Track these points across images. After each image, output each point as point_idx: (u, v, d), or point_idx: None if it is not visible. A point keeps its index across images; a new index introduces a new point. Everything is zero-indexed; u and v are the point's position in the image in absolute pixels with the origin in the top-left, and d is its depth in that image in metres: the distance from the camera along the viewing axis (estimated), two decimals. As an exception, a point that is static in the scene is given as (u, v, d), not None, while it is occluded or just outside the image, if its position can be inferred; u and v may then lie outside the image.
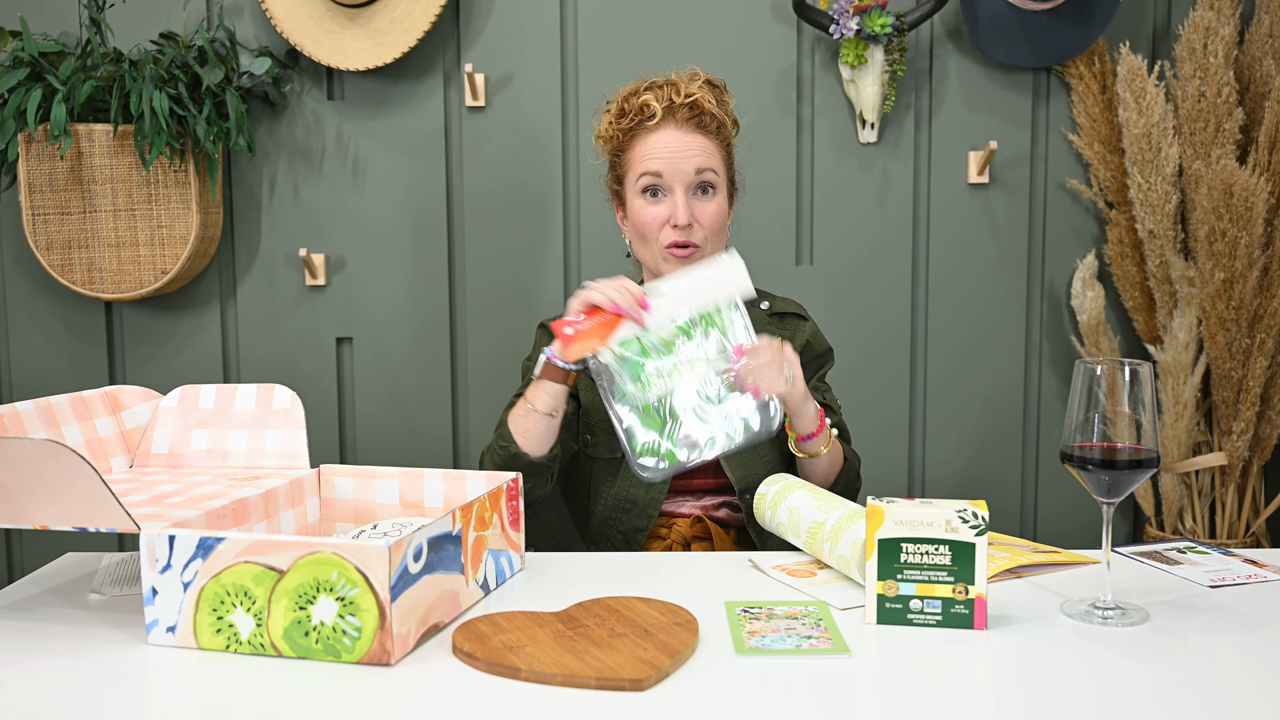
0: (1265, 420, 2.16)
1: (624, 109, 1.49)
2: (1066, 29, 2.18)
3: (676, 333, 1.30)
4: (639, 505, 1.46)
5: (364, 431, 2.36)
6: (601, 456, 1.48)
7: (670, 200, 1.44)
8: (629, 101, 1.49)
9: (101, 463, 1.33)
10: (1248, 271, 2.05)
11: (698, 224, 1.45)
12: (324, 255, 2.31)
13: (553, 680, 0.90)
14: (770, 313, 1.56)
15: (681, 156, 1.44)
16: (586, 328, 1.29)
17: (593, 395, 1.50)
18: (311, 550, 0.95)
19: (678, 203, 1.43)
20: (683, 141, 1.44)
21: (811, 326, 1.57)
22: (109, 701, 0.89)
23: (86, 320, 2.33)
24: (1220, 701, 0.86)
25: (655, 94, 1.47)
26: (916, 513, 1.02)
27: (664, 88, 1.47)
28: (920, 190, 2.32)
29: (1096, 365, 1.03)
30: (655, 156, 1.44)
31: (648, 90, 1.48)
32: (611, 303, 1.27)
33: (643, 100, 1.46)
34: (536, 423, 1.37)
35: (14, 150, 2.09)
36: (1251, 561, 1.24)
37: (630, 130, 1.48)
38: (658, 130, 1.45)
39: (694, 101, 1.45)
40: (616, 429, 1.30)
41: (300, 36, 2.19)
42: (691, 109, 1.45)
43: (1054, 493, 2.37)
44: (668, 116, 1.45)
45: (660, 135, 1.45)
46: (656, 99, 1.46)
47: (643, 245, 1.49)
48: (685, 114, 1.45)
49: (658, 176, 1.44)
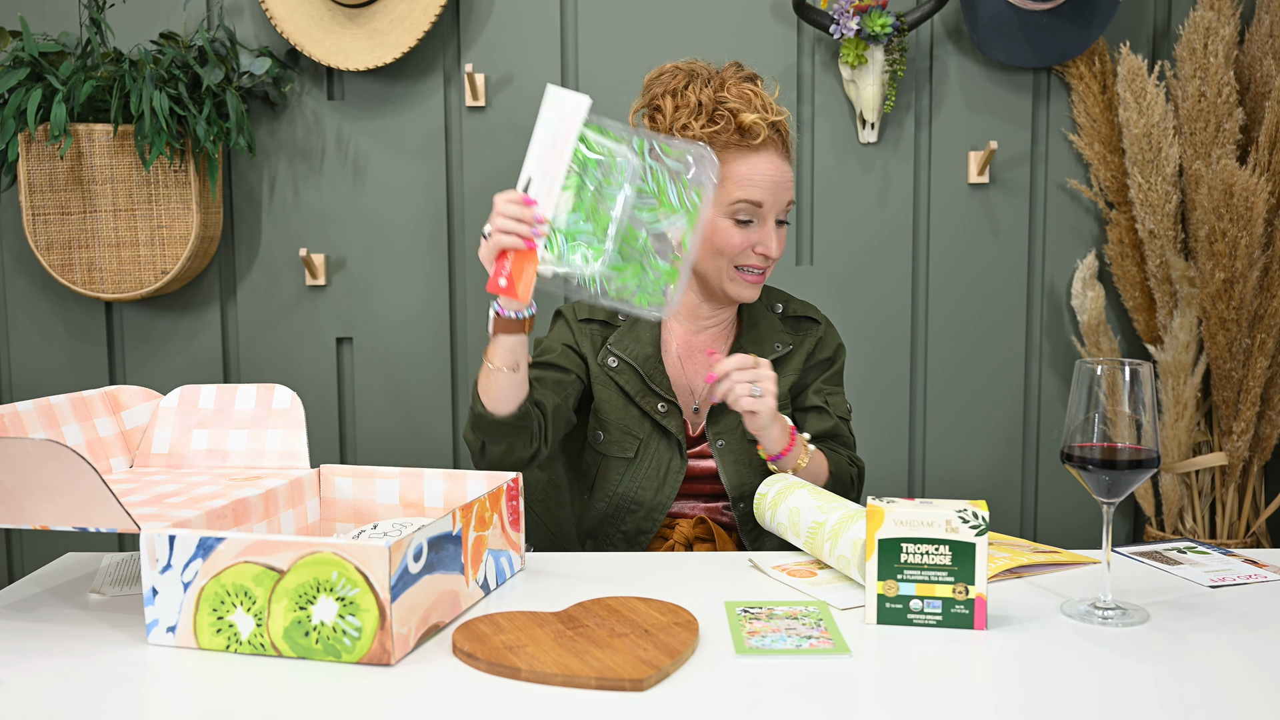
0: (1265, 420, 2.16)
1: (713, 115, 1.40)
2: (1066, 29, 2.18)
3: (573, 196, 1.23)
4: (645, 507, 1.45)
5: (364, 431, 2.36)
6: (613, 455, 1.47)
7: (760, 228, 1.41)
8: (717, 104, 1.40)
9: (101, 463, 1.33)
10: (1248, 271, 2.05)
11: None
12: (324, 255, 2.31)
13: (553, 680, 0.90)
14: (784, 315, 1.54)
15: (783, 188, 1.42)
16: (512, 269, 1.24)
17: (607, 392, 1.48)
18: (311, 550, 0.95)
19: (770, 232, 1.42)
20: (784, 172, 1.42)
21: (822, 331, 1.55)
22: (109, 701, 0.89)
23: (86, 320, 2.33)
24: (1220, 701, 0.86)
25: (752, 107, 1.40)
26: (916, 513, 1.02)
27: (752, 100, 1.41)
28: (920, 190, 2.32)
29: (1096, 365, 1.03)
30: (759, 185, 1.40)
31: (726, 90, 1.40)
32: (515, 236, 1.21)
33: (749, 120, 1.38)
34: (499, 380, 1.32)
35: (14, 150, 2.09)
36: (1251, 561, 1.24)
37: (730, 143, 1.40)
38: (760, 154, 1.40)
39: (782, 121, 1.43)
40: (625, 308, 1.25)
41: (300, 36, 2.19)
42: (780, 131, 1.42)
43: (1054, 493, 2.36)
44: (771, 139, 1.41)
45: (763, 161, 1.40)
46: (759, 117, 1.39)
47: (712, 259, 1.44)
48: (780, 139, 1.42)
49: (757, 206, 1.40)
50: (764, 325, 1.52)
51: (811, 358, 1.53)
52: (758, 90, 1.43)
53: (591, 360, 1.51)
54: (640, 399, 1.46)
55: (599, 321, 1.51)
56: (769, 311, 1.54)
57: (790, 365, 1.51)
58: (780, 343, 1.51)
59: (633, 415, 1.46)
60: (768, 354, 1.49)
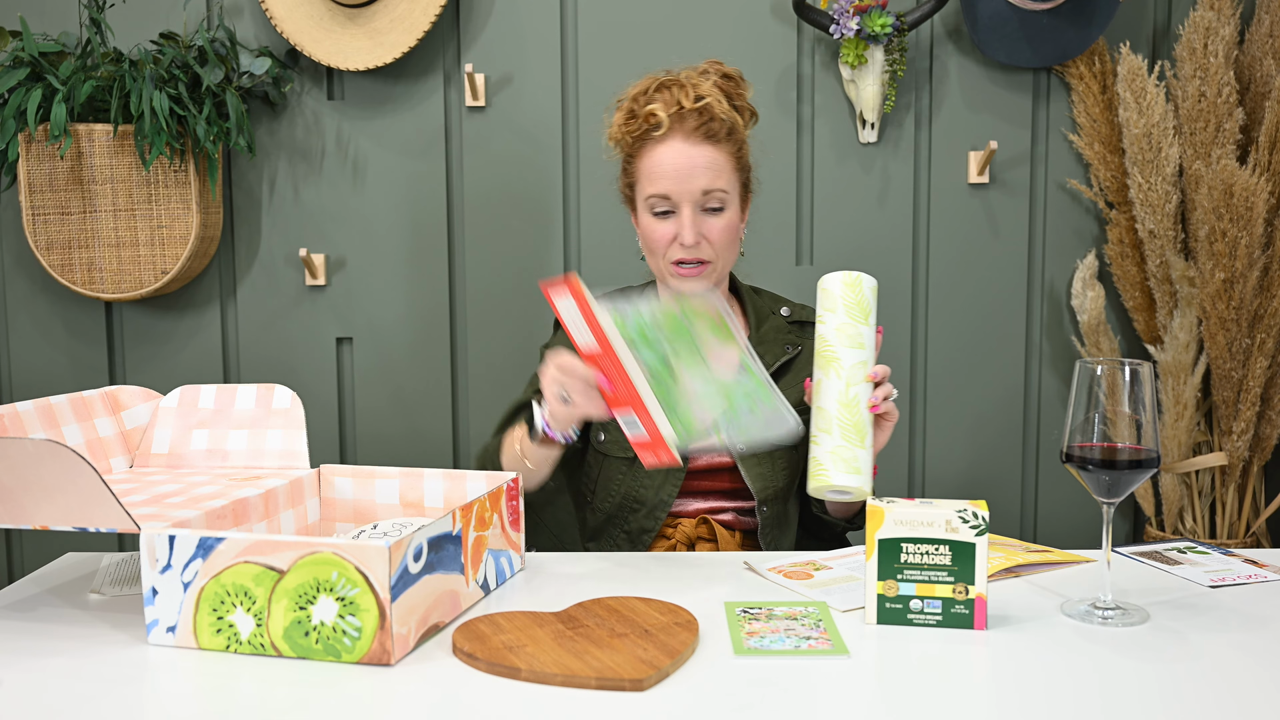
0: (1265, 420, 2.16)
1: (633, 112, 1.43)
2: (1066, 29, 2.18)
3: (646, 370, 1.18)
4: (647, 505, 1.45)
5: (364, 431, 2.36)
6: (614, 455, 1.47)
7: (678, 218, 1.40)
8: (638, 103, 1.43)
9: (101, 463, 1.33)
10: (1248, 271, 2.05)
11: (706, 241, 1.41)
12: (324, 255, 2.31)
13: (553, 680, 0.90)
14: (790, 320, 1.53)
15: (689, 175, 1.39)
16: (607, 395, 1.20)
17: None
18: (311, 550, 0.95)
19: (684, 222, 1.39)
20: (689, 157, 1.39)
21: None
22: (109, 701, 0.89)
23: (86, 320, 2.33)
24: (1220, 701, 0.86)
25: (664, 99, 1.40)
26: (916, 513, 1.02)
27: (672, 89, 1.41)
28: (920, 190, 2.32)
29: (1096, 365, 1.03)
30: (662, 176, 1.39)
31: (658, 91, 1.42)
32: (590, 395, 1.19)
33: (649, 109, 1.40)
34: (531, 475, 1.36)
35: (14, 150, 2.09)
36: (1251, 561, 1.24)
37: (638, 138, 1.42)
38: (664, 142, 1.40)
39: (703, 106, 1.40)
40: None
41: (300, 36, 2.19)
42: (700, 115, 1.39)
43: (1054, 493, 2.36)
44: (675, 127, 1.39)
45: (667, 150, 1.39)
46: (664, 105, 1.39)
47: (651, 258, 1.46)
48: (694, 122, 1.39)
49: (665, 199, 1.40)
50: (771, 327, 1.52)
51: None
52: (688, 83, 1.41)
53: None
54: None
55: None
56: (774, 314, 1.53)
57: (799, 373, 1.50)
58: (790, 344, 1.50)
59: None
60: (779, 356, 1.48)
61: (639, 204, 1.45)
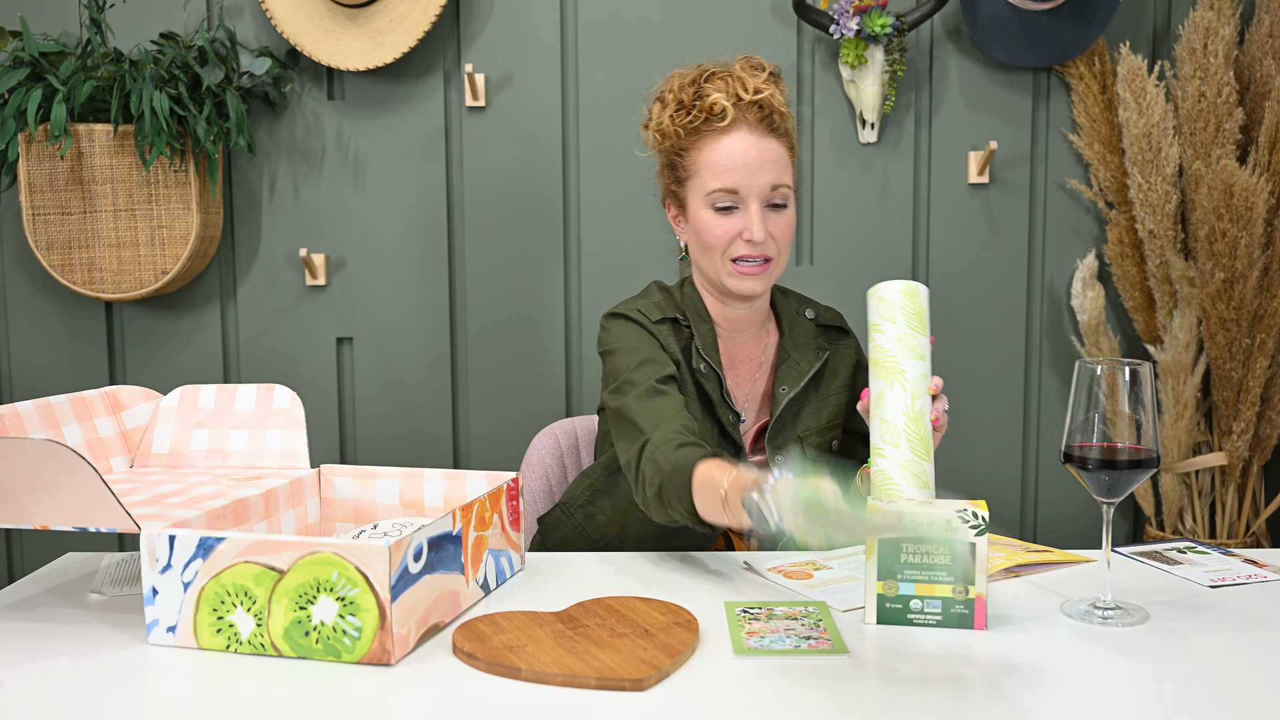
0: (1265, 420, 2.16)
1: (683, 102, 1.35)
2: (1066, 29, 2.18)
3: None
4: None
5: (364, 431, 2.36)
6: None
7: (744, 214, 1.34)
8: (687, 94, 1.35)
9: (101, 463, 1.33)
10: (1248, 271, 2.05)
11: (771, 238, 1.34)
12: (324, 255, 2.31)
13: (553, 680, 0.90)
14: (818, 324, 1.48)
15: (758, 169, 1.32)
16: None
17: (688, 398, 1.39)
18: (311, 550, 0.95)
19: (753, 217, 1.33)
20: (758, 150, 1.33)
21: (854, 343, 1.50)
22: (109, 701, 0.89)
23: (86, 320, 2.33)
24: (1220, 701, 0.86)
25: (721, 87, 1.34)
26: (917, 513, 1.02)
27: (727, 80, 1.34)
28: (920, 190, 2.32)
29: (1096, 365, 1.03)
30: (729, 169, 1.32)
31: (708, 82, 1.35)
32: None
33: (712, 99, 1.33)
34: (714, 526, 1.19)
35: (14, 150, 2.09)
36: (1251, 561, 1.24)
37: (696, 130, 1.35)
38: (729, 134, 1.33)
39: (763, 99, 1.33)
40: None
41: (300, 36, 2.19)
42: (761, 108, 1.33)
43: (1054, 493, 2.36)
44: (739, 118, 1.33)
45: (733, 141, 1.33)
46: (724, 94, 1.33)
47: (705, 255, 1.38)
48: (756, 114, 1.33)
49: (732, 193, 1.33)
50: (801, 331, 1.47)
51: (855, 377, 1.47)
52: (742, 75, 1.35)
53: (684, 363, 1.41)
54: (717, 407, 1.39)
55: (670, 320, 1.42)
56: (800, 316, 1.48)
57: (836, 383, 1.45)
58: (819, 348, 1.45)
59: (706, 423, 1.39)
60: (812, 360, 1.44)
61: (694, 199, 1.37)
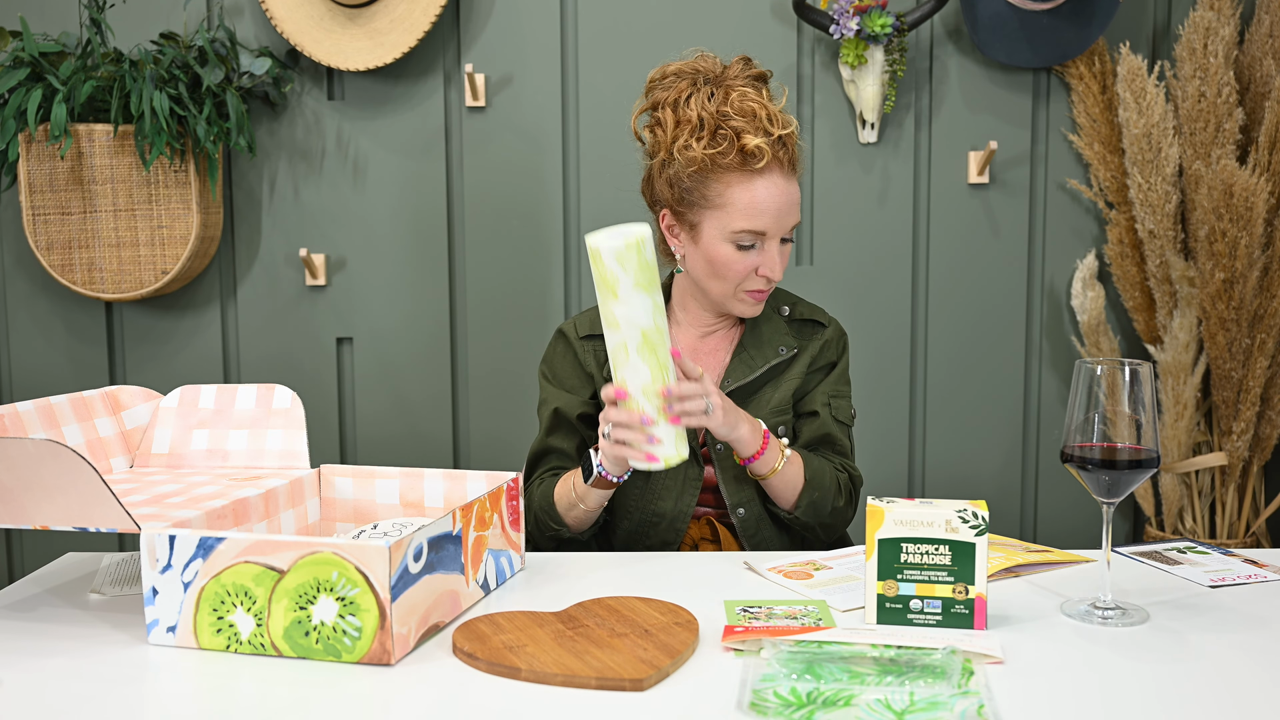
0: (1265, 420, 2.16)
1: (717, 132, 1.36)
2: (1066, 29, 2.18)
3: None
4: (667, 519, 1.43)
5: (364, 432, 2.36)
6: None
7: (762, 251, 1.38)
8: (708, 112, 1.36)
9: (102, 463, 1.33)
10: (1248, 271, 2.05)
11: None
12: (324, 255, 2.31)
13: (553, 680, 0.90)
14: (790, 318, 1.51)
15: (787, 212, 1.38)
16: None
17: None
18: (312, 550, 0.95)
19: (772, 256, 1.38)
20: (787, 194, 1.37)
21: (828, 334, 1.51)
22: (109, 701, 0.89)
23: (86, 320, 2.33)
24: (1220, 701, 0.86)
25: (756, 126, 1.35)
26: (916, 513, 1.02)
27: (759, 115, 1.35)
28: (920, 190, 2.32)
29: (1096, 365, 1.03)
30: (762, 213, 1.36)
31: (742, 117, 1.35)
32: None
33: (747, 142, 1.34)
34: (588, 515, 1.39)
35: (14, 150, 2.09)
36: (1251, 561, 1.24)
37: (728, 166, 1.36)
38: (763, 177, 1.36)
39: (789, 135, 1.37)
40: None
41: (300, 36, 2.19)
42: (787, 146, 1.37)
43: (1054, 493, 2.37)
44: (773, 160, 1.36)
45: (767, 186, 1.36)
46: (763, 138, 1.34)
47: (716, 282, 1.41)
48: (784, 155, 1.37)
49: (759, 235, 1.37)
50: (768, 328, 1.49)
51: (815, 363, 1.49)
52: (763, 101, 1.37)
53: (598, 376, 1.48)
54: None
55: (600, 336, 1.48)
56: (774, 314, 1.51)
57: (793, 371, 1.48)
58: (785, 346, 1.48)
59: None
60: (770, 358, 1.46)
61: (712, 228, 1.39)
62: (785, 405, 1.47)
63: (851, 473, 1.48)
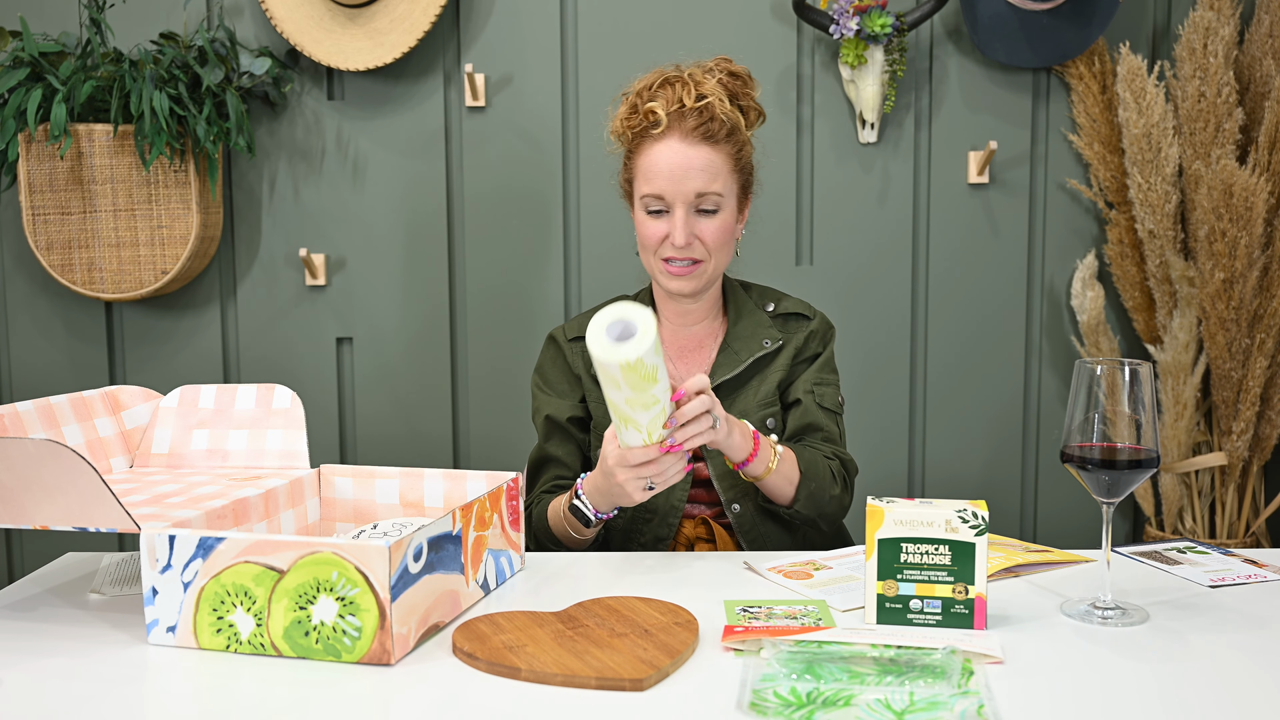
0: (1265, 420, 2.16)
1: (635, 106, 1.43)
2: (1066, 29, 2.18)
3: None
4: (659, 514, 1.44)
5: (364, 432, 2.36)
6: None
7: (671, 217, 1.41)
8: (641, 98, 1.43)
9: (101, 463, 1.33)
10: (1248, 271, 2.05)
11: (699, 242, 1.42)
12: (324, 255, 2.31)
13: (553, 680, 0.90)
14: (774, 314, 1.53)
15: (683, 176, 1.39)
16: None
17: (603, 409, 1.48)
18: (311, 550, 0.95)
19: (676, 222, 1.40)
20: (685, 158, 1.39)
21: (813, 325, 1.53)
22: (109, 701, 0.89)
23: (86, 320, 2.33)
24: (1220, 701, 0.86)
25: (665, 95, 1.40)
26: (916, 513, 1.02)
27: (675, 86, 1.41)
28: (920, 190, 2.32)
29: (1096, 365, 1.03)
30: (657, 175, 1.40)
31: (660, 88, 1.42)
32: None
33: (649, 106, 1.40)
34: (585, 541, 1.40)
35: (14, 150, 2.09)
36: (1251, 561, 1.24)
37: (638, 134, 1.43)
38: (661, 141, 1.40)
39: (704, 106, 1.39)
40: None
41: (300, 36, 2.19)
42: (700, 115, 1.39)
43: (1054, 493, 2.37)
44: (674, 126, 1.39)
45: (664, 150, 1.40)
46: (664, 103, 1.39)
47: (643, 253, 1.47)
48: (693, 122, 1.39)
49: (659, 198, 1.41)
50: (752, 323, 1.51)
51: (800, 353, 1.51)
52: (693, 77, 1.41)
53: (585, 377, 1.51)
54: None
55: None
56: (759, 310, 1.53)
57: (778, 363, 1.49)
58: (770, 339, 1.49)
59: None
60: (755, 350, 1.48)
61: (636, 200, 1.46)
62: (772, 398, 1.48)
63: (844, 459, 1.48)
